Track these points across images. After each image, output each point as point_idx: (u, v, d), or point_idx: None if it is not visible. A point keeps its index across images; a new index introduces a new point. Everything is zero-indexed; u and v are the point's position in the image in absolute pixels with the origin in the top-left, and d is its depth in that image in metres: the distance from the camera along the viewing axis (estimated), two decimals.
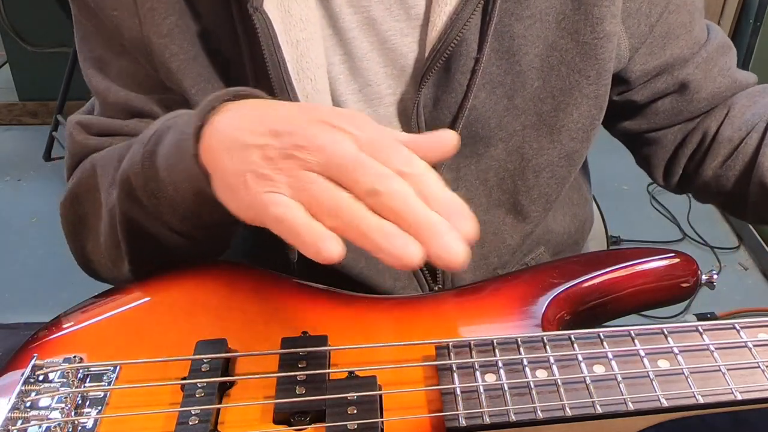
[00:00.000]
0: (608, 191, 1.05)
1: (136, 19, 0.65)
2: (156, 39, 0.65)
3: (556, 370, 0.51)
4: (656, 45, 0.72)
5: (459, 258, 0.42)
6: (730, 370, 0.51)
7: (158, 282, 0.64)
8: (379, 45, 0.66)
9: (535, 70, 0.67)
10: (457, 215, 0.43)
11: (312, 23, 0.63)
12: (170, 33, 0.65)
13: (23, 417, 0.50)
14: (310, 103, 0.53)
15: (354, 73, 0.67)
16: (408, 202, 0.43)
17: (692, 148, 0.79)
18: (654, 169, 0.83)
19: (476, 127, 0.68)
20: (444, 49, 0.62)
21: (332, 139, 0.45)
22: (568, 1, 0.66)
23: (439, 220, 0.43)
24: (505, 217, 0.74)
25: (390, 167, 0.44)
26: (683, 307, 1.94)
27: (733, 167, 0.75)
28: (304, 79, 0.63)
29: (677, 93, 0.76)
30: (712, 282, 0.65)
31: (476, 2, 0.61)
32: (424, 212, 0.43)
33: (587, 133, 0.71)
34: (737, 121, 0.75)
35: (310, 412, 0.50)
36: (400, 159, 0.45)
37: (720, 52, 0.76)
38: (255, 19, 0.59)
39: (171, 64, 0.66)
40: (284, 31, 0.62)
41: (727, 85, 0.77)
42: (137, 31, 0.65)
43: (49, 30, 2.65)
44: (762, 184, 0.71)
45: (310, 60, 0.63)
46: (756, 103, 0.76)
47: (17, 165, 2.62)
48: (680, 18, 0.72)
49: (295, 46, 0.62)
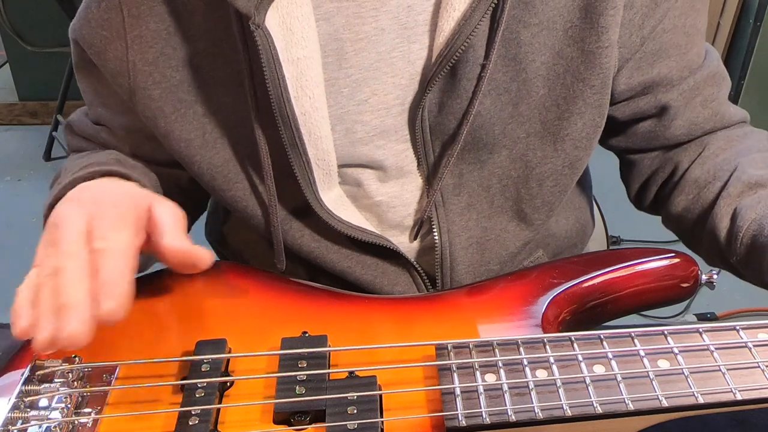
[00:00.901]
0: (608, 191, 1.05)
1: (123, 42, 0.67)
2: (141, 66, 0.67)
3: (556, 370, 0.51)
4: (645, 60, 0.70)
5: (61, 341, 0.49)
6: (730, 370, 0.51)
7: (158, 282, 0.64)
8: (387, 54, 0.66)
9: (541, 78, 0.67)
10: (103, 293, 0.50)
11: (312, 41, 0.63)
12: (155, 61, 0.67)
13: (23, 417, 0.50)
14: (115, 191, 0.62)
15: (360, 84, 0.66)
16: (60, 279, 0.51)
17: (663, 178, 0.78)
18: (629, 188, 0.83)
19: (480, 134, 0.68)
20: (451, 54, 0.62)
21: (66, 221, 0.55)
22: (575, 10, 0.65)
23: (74, 301, 0.50)
24: (507, 224, 0.74)
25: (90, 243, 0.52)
26: (683, 307, 1.94)
27: (693, 210, 0.73)
28: (302, 96, 0.64)
29: (656, 117, 0.74)
30: (712, 282, 0.65)
31: (485, 9, 0.61)
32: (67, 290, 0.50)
33: (590, 141, 0.70)
34: (708, 163, 0.73)
35: (310, 412, 0.50)
36: (98, 234, 0.53)
37: (709, 81, 0.74)
38: (257, 36, 0.59)
39: (153, 90, 0.68)
40: (285, 49, 0.62)
41: (707, 117, 0.74)
42: (122, 54, 0.67)
43: (49, 30, 2.65)
44: (712, 234, 0.69)
45: (309, 78, 0.63)
46: (732, 147, 0.74)
47: (17, 165, 2.62)
48: (675, 38, 0.70)
49: (295, 64, 0.63)
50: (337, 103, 0.67)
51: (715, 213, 0.69)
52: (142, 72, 0.67)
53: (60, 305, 0.49)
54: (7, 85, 2.89)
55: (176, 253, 0.55)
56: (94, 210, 0.54)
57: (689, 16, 0.71)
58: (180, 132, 0.69)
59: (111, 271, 0.51)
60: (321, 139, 0.66)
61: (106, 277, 0.51)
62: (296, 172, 0.66)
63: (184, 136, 0.69)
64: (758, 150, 0.72)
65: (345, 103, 0.67)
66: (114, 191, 0.61)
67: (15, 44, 2.73)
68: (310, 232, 0.72)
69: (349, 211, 0.72)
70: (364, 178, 0.71)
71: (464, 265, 0.73)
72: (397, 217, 0.73)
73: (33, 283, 0.52)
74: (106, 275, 0.51)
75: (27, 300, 0.51)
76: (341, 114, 0.67)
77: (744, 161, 0.70)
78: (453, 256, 0.72)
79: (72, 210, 0.55)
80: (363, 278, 0.73)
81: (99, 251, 0.52)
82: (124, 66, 0.68)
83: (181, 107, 0.68)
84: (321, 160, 0.67)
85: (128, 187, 0.64)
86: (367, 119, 0.67)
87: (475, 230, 0.73)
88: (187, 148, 0.69)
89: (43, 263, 0.53)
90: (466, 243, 0.73)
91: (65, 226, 0.53)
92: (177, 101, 0.68)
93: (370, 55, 0.65)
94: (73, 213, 0.54)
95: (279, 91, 0.61)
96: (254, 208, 0.71)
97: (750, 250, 0.65)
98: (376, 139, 0.68)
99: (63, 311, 0.49)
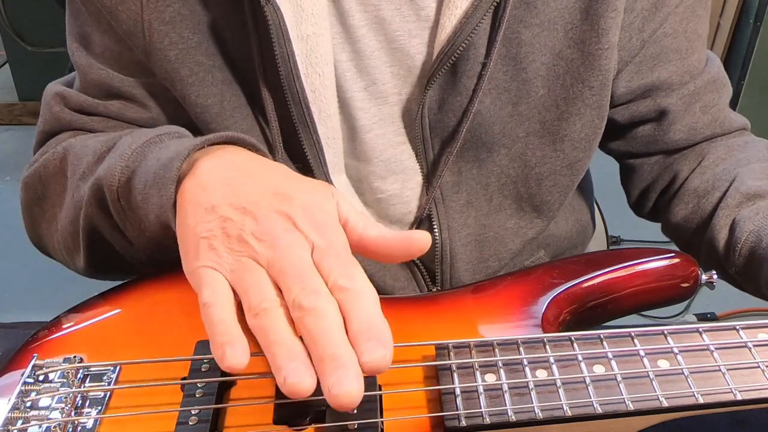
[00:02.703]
0: (608, 191, 1.05)
1: (138, 1, 0.64)
2: (157, 25, 0.64)
3: (555, 370, 0.51)
4: (645, 64, 0.70)
5: (344, 399, 0.40)
6: (730, 370, 0.51)
7: (158, 282, 0.64)
8: (387, 44, 0.66)
9: (541, 78, 0.67)
10: (372, 342, 0.42)
11: (322, 18, 0.63)
12: (172, 20, 0.64)
13: (23, 417, 0.50)
14: (295, 175, 0.52)
15: (361, 71, 0.67)
16: (321, 325, 0.42)
17: (662, 187, 0.78)
18: (628, 195, 0.83)
19: (480, 132, 0.68)
20: (452, 52, 0.62)
21: (288, 241, 0.45)
22: (576, 11, 0.65)
23: (345, 353, 0.41)
24: (506, 222, 0.74)
25: (330, 278, 0.44)
26: (683, 307, 1.94)
27: (691, 220, 0.74)
28: (312, 73, 0.63)
29: (655, 121, 0.74)
30: (712, 282, 0.65)
31: (487, 7, 0.61)
32: (333, 340, 0.42)
33: (590, 143, 0.71)
34: (707, 173, 0.73)
35: (310, 412, 0.50)
36: (342, 272, 0.44)
37: (710, 87, 0.74)
38: (266, 11, 0.59)
39: (169, 51, 0.65)
40: (295, 25, 0.62)
41: (707, 123, 0.74)
42: (136, 14, 0.64)
43: (49, 30, 2.65)
44: (711, 245, 0.70)
45: (319, 55, 0.63)
46: (731, 157, 0.74)
47: (17, 165, 2.60)
48: (676, 43, 0.70)
49: (305, 41, 0.62)
50: (341, 86, 0.67)
51: (714, 224, 0.69)
52: (158, 31, 0.64)
53: (327, 356, 0.41)
54: (7, 85, 2.89)
55: (393, 242, 0.49)
56: (311, 231, 0.46)
57: (690, 21, 0.71)
58: (196, 97, 0.65)
59: (371, 312, 0.43)
60: (330, 116, 0.66)
61: (370, 320, 0.43)
62: (306, 151, 0.65)
63: (201, 102, 0.66)
64: (757, 160, 0.72)
65: (348, 88, 0.67)
66: (305, 184, 0.50)
67: (15, 44, 2.73)
68: None
69: (354, 200, 0.72)
70: (366, 173, 0.71)
71: (464, 261, 0.73)
72: (397, 213, 0.73)
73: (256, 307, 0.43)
74: (367, 317, 0.43)
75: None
76: (345, 99, 0.67)
77: (743, 171, 0.70)
78: (453, 253, 0.72)
79: (283, 225, 0.46)
80: (365, 271, 0.73)
81: (345, 291, 0.44)
82: (139, 26, 0.65)
83: (198, 70, 0.65)
84: (331, 139, 0.67)
85: (288, 171, 0.53)
86: (367, 107, 0.68)
87: (474, 227, 0.73)
88: (203, 114, 0.66)
89: (265, 296, 0.44)
90: (465, 240, 0.73)
91: (288, 253, 0.44)
92: (195, 64, 0.65)
93: (371, 43, 0.66)
94: (294, 237, 0.45)
95: (288, 67, 0.61)
96: None
97: (748, 261, 0.65)
98: (376, 127, 0.69)
99: (333, 364, 0.41)
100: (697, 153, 0.76)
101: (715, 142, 0.76)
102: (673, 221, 0.76)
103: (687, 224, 0.74)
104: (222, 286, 0.45)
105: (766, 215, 0.65)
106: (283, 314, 0.43)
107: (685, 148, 0.76)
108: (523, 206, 0.73)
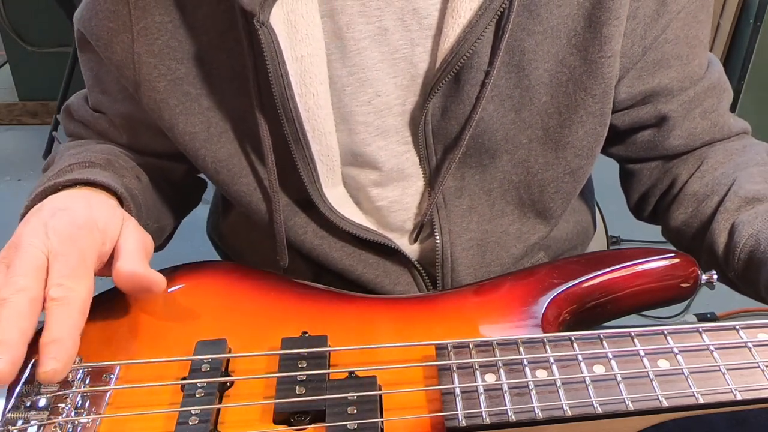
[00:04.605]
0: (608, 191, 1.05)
1: (129, 34, 0.67)
2: (147, 58, 0.67)
3: (555, 370, 0.51)
4: (646, 70, 0.70)
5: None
6: (730, 370, 0.51)
7: None
8: (390, 55, 0.65)
9: (544, 85, 0.67)
10: (48, 352, 0.48)
11: (316, 39, 0.63)
12: (161, 53, 0.67)
13: (23, 417, 0.50)
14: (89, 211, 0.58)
15: (363, 85, 0.66)
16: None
17: (662, 190, 0.78)
18: (628, 198, 0.83)
19: (483, 139, 0.68)
20: (456, 61, 0.62)
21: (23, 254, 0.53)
22: (579, 19, 0.65)
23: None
24: (508, 227, 0.74)
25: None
26: (683, 307, 1.94)
27: (691, 224, 0.73)
28: (306, 93, 0.63)
29: (655, 127, 0.74)
30: (712, 282, 0.65)
31: (491, 16, 0.61)
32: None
33: (592, 150, 0.70)
34: (707, 177, 0.73)
35: (310, 412, 0.50)
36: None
37: (710, 93, 0.74)
38: (261, 33, 0.59)
39: (158, 83, 0.67)
40: (289, 46, 0.62)
41: (706, 128, 0.74)
42: (129, 46, 0.67)
43: (49, 30, 2.64)
44: (710, 249, 0.69)
45: (313, 75, 0.63)
46: (730, 161, 0.73)
47: (17, 165, 2.61)
48: (677, 49, 0.70)
49: (299, 61, 0.63)
50: (341, 101, 0.67)
51: (713, 228, 0.69)
52: (147, 64, 0.67)
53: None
54: (7, 85, 2.89)
55: (128, 277, 0.55)
56: (56, 244, 0.53)
57: (692, 27, 0.70)
58: (184, 125, 0.69)
59: (61, 329, 0.49)
60: (325, 135, 0.66)
61: (56, 335, 0.49)
62: (299, 167, 0.66)
63: (189, 129, 0.69)
64: (756, 164, 0.72)
65: (348, 102, 0.67)
66: (83, 217, 0.57)
67: (15, 44, 2.72)
68: (313, 229, 0.72)
69: (351, 210, 0.72)
70: (366, 181, 0.71)
71: (465, 266, 0.73)
72: (397, 220, 0.73)
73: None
74: (57, 333, 0.49)
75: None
76: (345, 113, 0.67)
77: (742, 175, 0.70)
78: (454, 258, 0.72)
79: (35, 238, 0.53)
80: (365, 276, 0.73)
81: (54, 300, 0.50)
82: (129, 58, 0.68)
83: (185, 100, 0.68)
84: (325, 156, 0.67)
85: (101, 211, 0.59)
86: (370, 120, 0.67)
87: (476, 233, 0.73)
88: (192, 142, 0.69)
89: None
90: (467, 245, 0.73)
91: (23, 255, 0.52)
92: (182, 94, 0.68)
93: (373, 55, 0.65)
94: (35, 243, 0.53)
95: (282, 88, 0.61)
96: (258, 204, 0.71)
97: (747, 265, 0.65)
98: (378, 139, 0.68)
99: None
100: (697, 157, 0.75)
101: (714, 146, 0.76)
102: (673, 225, 0.75)
103: (686, 228, 0.74)
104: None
105: (764, 219, 0.64)
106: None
107: (685, 153, 0.76)
108: (526, 212, 0.73)
